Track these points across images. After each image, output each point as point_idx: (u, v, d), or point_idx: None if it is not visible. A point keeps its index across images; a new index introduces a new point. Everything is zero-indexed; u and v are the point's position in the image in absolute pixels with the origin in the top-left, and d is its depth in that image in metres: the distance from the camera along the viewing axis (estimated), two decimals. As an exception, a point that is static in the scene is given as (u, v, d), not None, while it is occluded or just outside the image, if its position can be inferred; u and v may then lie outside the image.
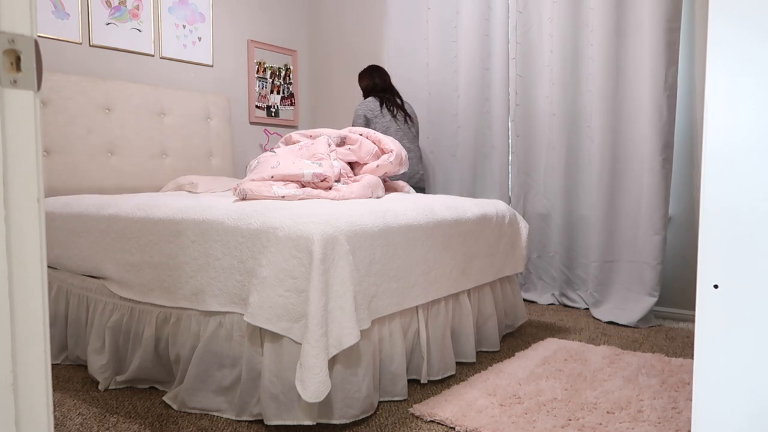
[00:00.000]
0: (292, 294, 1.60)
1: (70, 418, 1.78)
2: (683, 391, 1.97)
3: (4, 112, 0.73)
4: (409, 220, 1.98)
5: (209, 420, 1.75)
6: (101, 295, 2.16)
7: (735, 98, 1.01)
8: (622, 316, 2.97)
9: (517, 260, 2.69)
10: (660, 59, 2.84)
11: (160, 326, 1.96)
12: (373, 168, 2.58)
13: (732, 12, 1.01)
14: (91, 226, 2.21)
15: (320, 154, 2.44)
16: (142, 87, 3.33)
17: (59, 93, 2.95)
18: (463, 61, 3.59)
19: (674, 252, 3.07)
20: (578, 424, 1.71)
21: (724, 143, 1.02)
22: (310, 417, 1.64)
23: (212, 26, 3.84)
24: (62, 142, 2.95)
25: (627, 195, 3.05)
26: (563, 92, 3.25)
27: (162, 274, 1.93)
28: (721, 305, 1.04)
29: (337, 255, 1.63)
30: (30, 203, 0.76)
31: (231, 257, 1.75)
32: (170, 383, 1.98)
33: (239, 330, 1.75)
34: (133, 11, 3.38)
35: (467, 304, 2.30)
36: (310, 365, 1.53)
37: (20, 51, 0.75)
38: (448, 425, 1.71)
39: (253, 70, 4.12)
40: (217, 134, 3.71)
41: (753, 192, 1.00)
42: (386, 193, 2.74)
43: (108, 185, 3.11)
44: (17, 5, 0.74)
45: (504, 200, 3.51)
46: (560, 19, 3.22)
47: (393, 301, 1.86)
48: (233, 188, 2.29)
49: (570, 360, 2.30)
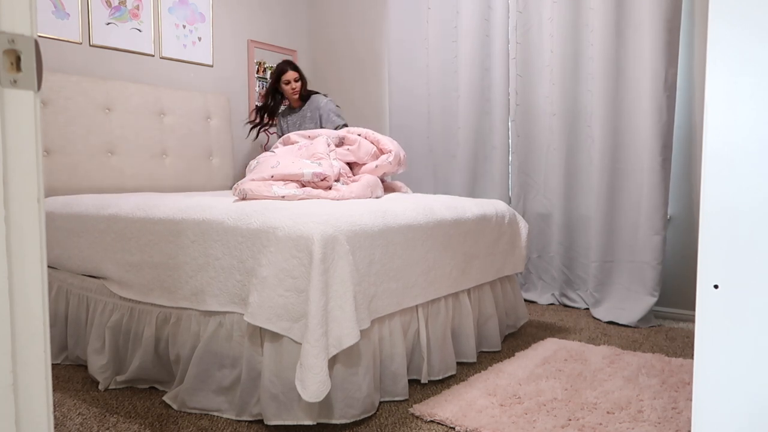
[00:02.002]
0: (292, 294, 1.60)
1: (70, 418, 1.78)
2: (683, 391, 1.97)
3: (4, 112, 0.73)
4: (408, 220, 1.98)
5: (209, 420, 1.75)
6: (101, 295, 2.16)
7: (735, 98, 1.01)
8: (622, 316, 2.97)
9: (517, 260, 2.69)
10: (660, 59, 2.84)
11: (160, 326, 1.96)
12: (371, 168, 2.58)
13: (732, 12, 1.00)
14: (91, 226, 2.21)
15: (319, 153, 2.44)
16: (142, 87, 3.33)
17: (59, 93, 2.95)
18: (463, 61, 3.59)
19: (674, 252, 3.07)
20: (578, 424, 1.71)
21: (724, 143, 1.02)
22: (311, 417, 1.64)
23: (212, 26, 3.84)
24: (62, 142, 2.94)
25: (627, 195, 3.05)
26: (563, 92, 3.24)
27: (162, 274, 1.93)
28: (721, 305, 1.04)
29: (337, 255, 1.63)
30: (30, 203, 0.76)
31: (231, 257, 1.75)
32: (170, 383, 1.98)
33: (239, 330, 1.75)
34: (133, 11, 3.38)
35: (467, 303, 2.30)
36: (310, 365, 1.53)
37: (20, 51, 0.75)
38: (449, 425, 1.71)
39: (253, 70, 4.12)
40: (217, 134, 3.71)
41: (753, 192, 1.00)
42: (385, 193, 2.74)
43: (108, 185, 3.11)
44: (17, 5, 0.74)
45: (504, 200, 3.51)
46: (560, 19, 3.21)
47: (393, 301, 1.86)
48: (233, 188, 2.29)
49: (570, 360, 2.30)
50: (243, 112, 4.08)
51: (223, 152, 3.74)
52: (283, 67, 3.54)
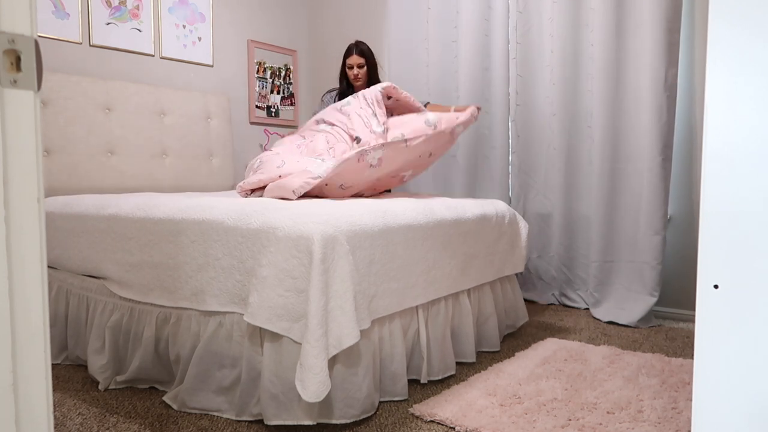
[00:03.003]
0: (292, 294, 1.60)
1: (70, 418, 1.78)
2: (683, 391, 1.97)
3: (4, 112, 0.73)
4: (409, 220, 1.97)
5: (209, 420, 1.75)
6: (101, 295, 2.16)
7: (735, 98, 1.01)
8: (622, 316, 2.97)
9: (516, 260, 2.69)
10: (660, 59, 2.84)
11: (160, 326, 1.96)
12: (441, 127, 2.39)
13: (732, 12, 1.00)
14: (91, 226, 2.21)
15: (320, 150, 2.42)
16: (142, 87, 3.33)
17: (59, 93, 2.95)
18: (463, 61, 3.59)
19: (674, 252, 3.07)
20: (578, 424, 1.71)
21: (724, 143, 1.02)
22: (310, 417, 1.64)
23: (212, 26, 3.84)
24: (62, 142, 2.94)
25: (627, 195, 3.05)
26: (563, 92, 3.24)
27: (162, 274, 1.93)
28: (721, 305, 1.04)
29: (337, 255, 1.63)
30: (30, 203, 0.76)
31: (231, 257, 1.75)
32: (170, 383, 1.98)
33: (239, 330, 1.75)
34: (133, 11, 3.38)
35: (467, 303, 2.30)
36: (310, 365, 1.53)
37: (20, 51, 0.75)
38: (448, 425, 1.71)
39: (253, 70, 4.12)
40: (217, 134, 3.70)
41: (753, 192, 1.00)
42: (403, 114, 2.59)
43: (108, 185, 3.11)
44: (17, 5, 0.74)
45: (504, 200, 3.51)
46: (560, 19, 3.21)
47: (393, 301, 1.86)
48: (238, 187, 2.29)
49: (570, 360, 2.30)
50: (243, 112, 4.08)
51: (223, 152, 3.74)
52: (349, 49, 3.19)
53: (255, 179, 2.28)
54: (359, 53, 3.15)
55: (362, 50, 3.16)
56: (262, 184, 2.26)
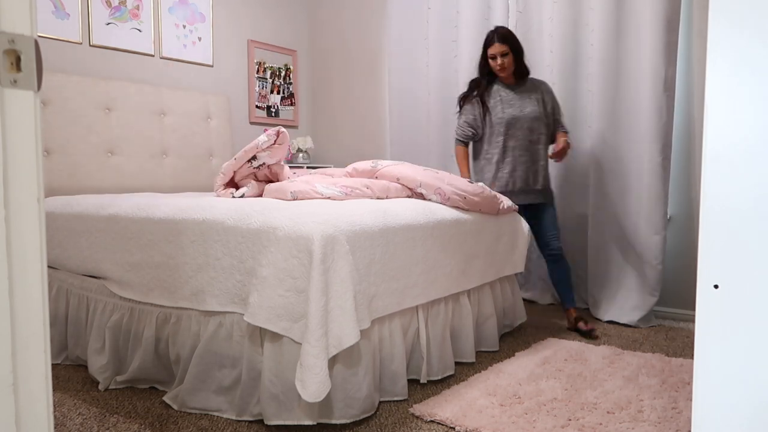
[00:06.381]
0: (292, 294, 1.60)
1: (70, 418, 1.78)
2: (683, 391, 1.97)
3: (4, 112, 0.73)
4: (408, 220, 1.97)
5: (209, 420, 1.75)
6: (101, 295, 2.16)
7: (735, 98, 1.01)
8: (622, 316, 2.97)
9: (516, 260, 2.69)
10: (660, 59, 2.84)
11: (160, 326, 1.96)
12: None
13: (732, 12, 1.00)
14: (91, 226, 2.21)
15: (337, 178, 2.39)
16: (143, 87, 3.33)
17: (59, 93, 2.95)
18: (463, 60, 3.59)
19: (674, 252, 3.07)
20: (578, 424, 1.71)
21: (724, 143, 1.02)
22: (311, 417, 1.64)
23: (212, 26, 3.84)
24: (62, 142, 2.94)
25: (627, 195, 3.05)
26: (563, 92, 3.24)
27: (162, 274, 1.93)
28: (721, 305, 1.04)
29: (337, 255, 1.63)
30: (30, 203, 0.76)
31: (231, 257, 1.75)
32: (170, 383, 1.98)
33: (239, 330, 1.75)
34: (133, 11, 3.38)
35: (467, 304, 2.30)
36: (310, 365, 1.53)
37: (20, 51, 0.75)
38: (448, 425, 1.71)
39: (253, 70, 4.12)
40: (217, 134, 3.71)
41: (753, 192, 1.00)
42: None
43: (108, 185, 3.11)
44: (17, 5, 0.74)
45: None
46: (560, 19, 3.21)
47: (393, 301, 1.86)
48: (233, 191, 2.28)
49: (570, 360, 2.30)
50: (243, 112, 4.08)
51: (223, 152, 3.74)
52: (489, 38, 2.81)
53: (232, 161, 2.25)
54: (501, 40, 2.75)
55: (504, 36, 2.76)
56: (238, 166, 2.23)
